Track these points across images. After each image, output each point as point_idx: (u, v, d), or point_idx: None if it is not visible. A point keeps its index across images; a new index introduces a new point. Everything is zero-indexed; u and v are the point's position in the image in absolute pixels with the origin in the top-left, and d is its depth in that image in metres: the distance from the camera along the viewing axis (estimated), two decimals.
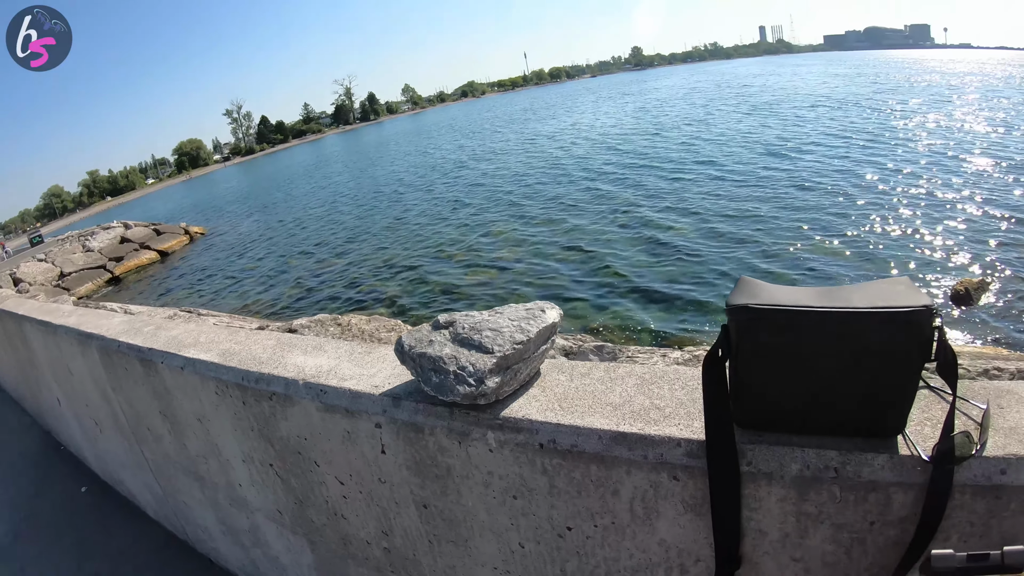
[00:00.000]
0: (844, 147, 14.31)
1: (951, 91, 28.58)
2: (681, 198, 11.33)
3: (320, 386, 1.24)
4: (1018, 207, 8.40)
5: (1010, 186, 9.60)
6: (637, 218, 10.43)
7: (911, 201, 9.29)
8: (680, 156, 15.75)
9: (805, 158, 13.43)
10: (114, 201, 69.15)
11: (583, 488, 0.92)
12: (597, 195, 12.65)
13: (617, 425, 0.88)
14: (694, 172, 13.46)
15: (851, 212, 9.05)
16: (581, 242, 9.54)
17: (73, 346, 2.42)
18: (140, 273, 16.68)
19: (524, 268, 8.92)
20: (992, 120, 17.38)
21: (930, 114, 19.37)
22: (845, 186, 10.57)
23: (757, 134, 17.82)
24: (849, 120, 19.07)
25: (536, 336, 0.99)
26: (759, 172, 12.51)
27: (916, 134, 15.44)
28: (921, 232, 7.90)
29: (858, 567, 0.83)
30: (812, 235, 8.25)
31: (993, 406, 0.81)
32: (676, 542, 0.91)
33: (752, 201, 10.32)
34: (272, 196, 26.50)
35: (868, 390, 0.75)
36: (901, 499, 0.77)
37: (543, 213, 11.94)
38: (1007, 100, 23.41)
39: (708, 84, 48.61)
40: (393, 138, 48.65)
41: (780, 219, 9.16)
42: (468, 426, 1.00)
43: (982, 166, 11.16)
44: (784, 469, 0.80)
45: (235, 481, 1.75)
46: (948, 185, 9.97)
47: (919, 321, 0.70)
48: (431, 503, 1.15)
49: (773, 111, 23.82)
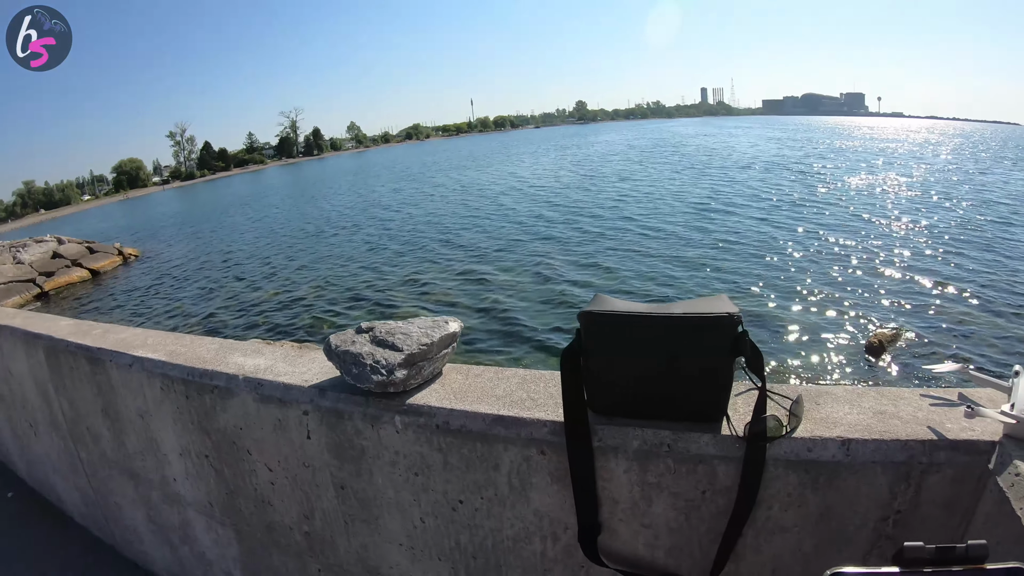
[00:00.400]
0: (767, 208, 15.14)
1: (876, 156, 31.78)
2: (596, 251, 11.59)
3: (258, 380, 1.39)
4: (926, 267, 9.24)
5: (921, 246, 10.60)
6: (550, 271, 10.65)
7: (827, 260, 9.89)
8: (607, 211, 16.26)
9: (728, 218, 13.95)
10: (48, 214, 66.57)
11: (471, 463, 1.11)
12: (516, 244, 12.90)
13: (498, 410, 1.07)
14: (617, 227, 13.83)
15: (768, 272, 9.38)
16: (492, 294, 9.67)
17: (17, 346, 2.45)
18: (70, 290, 16.03)
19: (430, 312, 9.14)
20: (910, 184, 19.35)
21: (852, 178, 21.22)
22: (766, 246, 10.99)
23: (685, 193, 18.82)
24: (775, 182, 20.46)
25: (439, 341, 1.19)
26: (680, 231, 12.93)
27: (837, 197, 16.79)
28: (834, 290, 8.33)
29: (697, 531, 1.02)
30: (725, 294, 8.61)
31: (811, 403, 1.02)
32: (547, 511, 1.09)
33: (669, 261, 10.65)
34: (209, 224, 26.26)
35: (691, 381, 0.96)
36: (724, 470, 0.97)
37: (461, 260, 12.09)
38: (927, 165, 26.11)
39: (646, 142, 51.45)
40: (333, 176, 49.08)
41: (696, 279, 9.60)
42: (380, 411, 1.17)
43: (897, 227, 12.25)
44: (627, 444, 1.00)
45: (170, 476, 1.83)
46: (865, 247, 10.75)
47: (724, 324, 0.92)
48: (347, 484, 1.30)
49: (704, 171, 25.42)
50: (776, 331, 7.08)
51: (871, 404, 1.01)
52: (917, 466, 0.90)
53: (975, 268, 9.38)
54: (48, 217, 61.55)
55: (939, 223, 12.85)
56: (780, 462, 0.94)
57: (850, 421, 0.96)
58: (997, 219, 13.29)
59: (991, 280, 8.74)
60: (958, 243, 11.17)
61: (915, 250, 10.53)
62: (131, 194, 79.09)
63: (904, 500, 0.93)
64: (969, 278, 8.77)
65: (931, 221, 13.08)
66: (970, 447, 0.88)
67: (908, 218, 13.44)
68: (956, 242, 11.30)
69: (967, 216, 13.69)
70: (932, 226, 12.60)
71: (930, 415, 0.96)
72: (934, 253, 10.32)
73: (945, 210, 14.59)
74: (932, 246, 10.90)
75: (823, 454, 0.92)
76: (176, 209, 40.58)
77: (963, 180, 21.07)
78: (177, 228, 26.71)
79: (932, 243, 11.14)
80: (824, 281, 8.88)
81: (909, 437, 0.91)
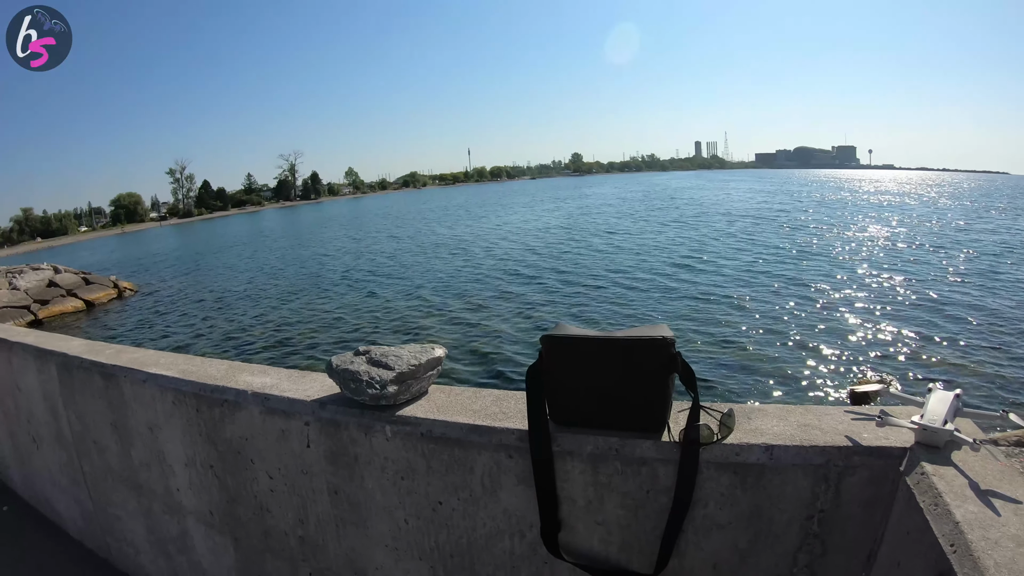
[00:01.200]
0: (754, 261, 15.56)
1: (866, 209, 33.12)
2: (582, 303, 11.81)
3: (265, 395, 1.57)
4: (908, 316, 9.63)
5: (904, 296, 10.99)
6: (530, 311, 11.03)
7: (811, 313, 10.17)
8: (594, 264, 16.56)
9: (713, 273, 14.14)
10: (44, 243, 67.10)
11: (450, 467, 1.28)
12: (504, 295, 13.06)
13: (474, 421, 1.26)
14: (604, 280, 14.03)
15: (753, 325, 9.51)
16: (476, 329, 9.95)
17: (28, 362, 2.60)
18: (63, 320, 16.11)
19: None
20: (895, 236, 20.20)
21: (845, 230, 22.11)
22: (752, 299, 11.16)
23: (673, 246, 19.39)
24: (764, 235, 21.22)
25: (425, 363, 1.39)
26: (666, 283, 13.22)
27: (824, 249, 17.43)
28: (817, 342, 8.55)
29: (644, 527, 1.17)
30: (709, 348, 8.42)
31: (743, 417, 1.18)
32: (515, 510, 1.26)
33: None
34: (206, 262, 26.56)
35: (634, 394, 1.14)
36: (664, 472, 1.13)
37: (453, 307, 12.26)
38: (912, 216, 27.29)
39: (638, 194, 53.13)
40: (330, 220, 50.03)
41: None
42: (372, 421, 1.35)
43: (883, 279, 12.75)
44: (582, 448, 1.17)
45: (173, 486, 1.97)
46: (848, 298, 11.12)
47: (658, 346, 1.10)
48: (341, 488, 1.46)
49: (693, 224, 26.35)
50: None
51: (797, 418, 1.17)
52: (834, 469, 1.05)
53: (916, 301, 10.37)
54: (45, 245, 61.84)
55: (907, 268, 13.76)
56: (712, 465, 1.11)
57: (776, 431, 1.12)
58: (954, 261, 14.46)
59: (929, 310, 9.73)
60: (918, 281, 12.04)
61: (875, 295, 11.14)
62: (128, 228, 79.93)
63: (826, 500, 1.07)
64: (911, 312, 9.70)
65: (900, 268, 13.97)
66: (883, 452, 1.03)
67: (868, 267, 14.25)
68: (915, 280, 12.19)
69: (932, 261, 14.76)
70: (902, 270, 13.54)
71: (849, 427, 1.12)
72: (890, 295, 11.02)
73: (909, 257, 15.59)
74: (892, 287, 11.62)
75: (749, 457, 1.09)
76: (173, 246, 41.10)
77: (942, 228, 22.44)
78: (174, 265, 27.01)
79: (893, 284, 11.87)
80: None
81: (827, 444, 1.06)
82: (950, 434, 0.99)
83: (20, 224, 75.65)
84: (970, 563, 0.73)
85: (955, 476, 0.92)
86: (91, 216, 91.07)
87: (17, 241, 70.66)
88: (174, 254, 33.65)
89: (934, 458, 0.97)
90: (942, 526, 0.81)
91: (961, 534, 0.78)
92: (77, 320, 16.04)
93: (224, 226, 60.47)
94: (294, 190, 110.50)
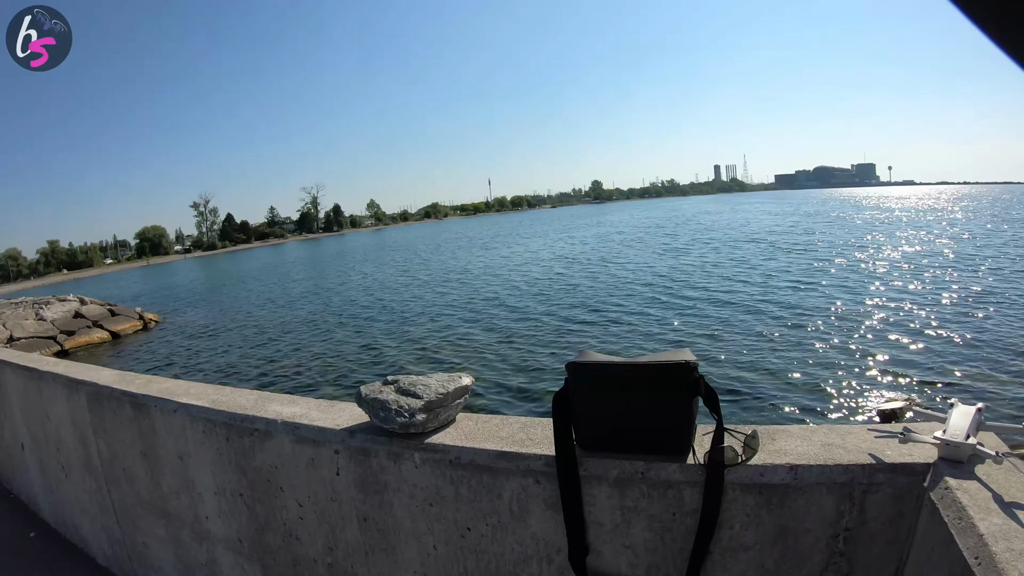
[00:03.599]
0: (771, 283, 15.51)
1: (880, 227, 33.13)
2: (603, 330, 11.80)
3: (295, 424, 1.61)
4: (927, 333, 9.57)
5: (922, 314, 10.90)
6: (554, 341, 11.06)
7: (830, 333, 10.05)
8: (612, 290, 16.56)
9: (732, 297, 13.96)
10: (70, 275, 68.93)
11: (478, 493, 1.31)
12: (529, 323, 13.00)
13: (501, 447, 1.29)
14: (623, 306, 13.99)
15: (775, 347, 9.40)
16: (502, 369, 9.75)
17: (59, 391, 2.68)
18: (89, 351, 16.46)
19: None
20: (910, 253, 20.20)
21: (861, 250, 22.07)
22: (772, 322, 11.08)
23: (691, 269, 19.57)
24: (777, 258, 21.21)
25: (453, 391, 1.43)
26: (686, 306, 13.19)
27: (840, 270, 17.35)
28: (838, 361, 8.46)
29: (671, 550, 1.18)
30: (733, 371, 8.32)
31: (767, 438, 1.20)
32: (543, 535, 1.29)
33: (677, 338, 10.80)
34: (229, 294, 26.97)
35: (659, 418, 1.16)
36: (690, 494, 1.14)
37: (479, 337, 12.25)
38: (927, 233, 27.34)
39: (652, 221, 53.50)
40: (352, 252, 50.71)
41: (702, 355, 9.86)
42: (402, 449, 1.39)
43: (901, 297, 12.68)
44: (608, 473, 1.20)
45: (202, 514, 2.01)
46: (867, 317, 11.03)
47: (680, 370, 1.13)
48: (370, 515, 1.49)
49: (703, 247, 26.54)
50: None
51: (821, 438, 1.19)
52: (858, 487, 1.06)
53: (935, 318, 10.33)
54: (71, 277, 63.46)
55: (924, 286, 13.73)
56: (737, 486, 1.12)
57: (800, 451, 1.13)
58: (973, 276, 14.44)
59: (948, 326, 9.69)
60: (934, 298, 12.01)
61: (894, 313, 11.10)
62: (153, 260, 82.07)
63: (851, 518, 1.08)
64: (930, 329, 9.66)
65: (917, 285, 13.95)
66: (907, 469, 1.04)
67: (884, 286, 14.22)
68: (932, 297, 12.14)
69: (948, 277, 14.72)
70: (919, 288, 13.53)
71: (872, 444, 1.13)
72: (908, 313, 10.98)
73: (929, 274, 15.51)
74: (910, 305, 11.56)
75: (773, 478, 1.10)
76: (197, 278, 41.95)
77: (957, 244, 22.42)
78: (198, 297, 27.52)
79: (911, 302, 11.80)
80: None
81: (851, 462, 1.07)
82: (973, 448, 0.99)
83: (47, 256, 78.03)
84: (995, 574, 0.74)
85: (979, 490, 0.92)
86: (116, 249, 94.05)
87: (44, 273, 72.72)
88: (198, 286, 34.40)
89: (957, 472, 0.97)
90: (966, 539, 0.81)
91: (985, 546, 0.78)
92: (103, 351, 16.40)
93: (248, 259, 61.61)
94: (316, 222, 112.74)
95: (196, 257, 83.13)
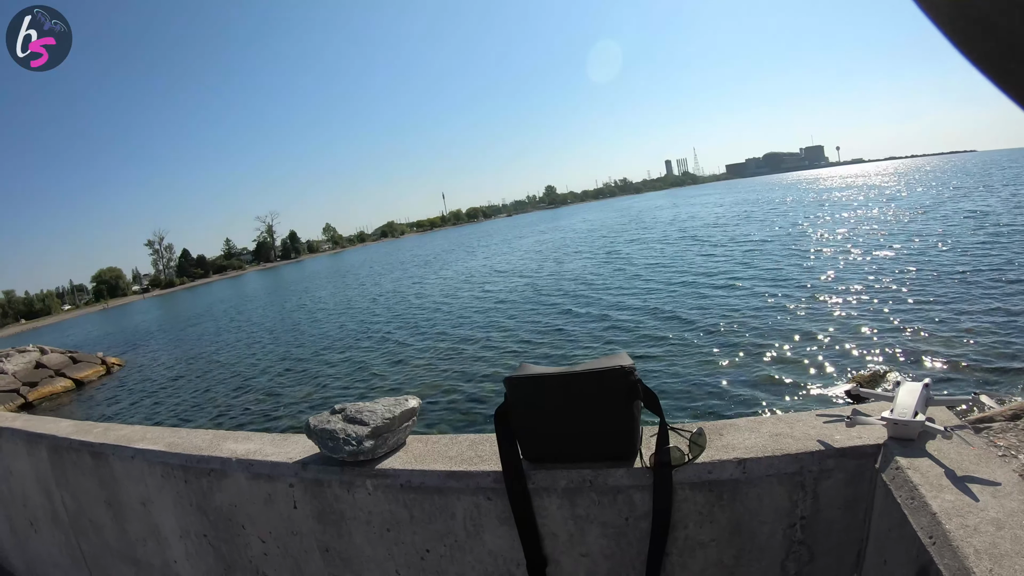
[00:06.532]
0: (709, 275, 15.42)
1: (817, 208, 33.82)
2: (543, 339, 11.68)
3: (249, 461, 1.59)
4: (869, 312, 9.53)
5: (861, 293, 10.85)
6: (496, 354, 10.97)
7: (769, 321, 9.97)
8: (556, 299, 16.19)
9: (668, 293, 13.95)
10: (28, 324, 67.74)
11: (432, 515, 1.30)
12: (474, 339, 12.79)
13: (450, 467, 1.28)
14: (565, 315, 13.68)
15: (719, 341, 9.28)
16: (451, 387, 9.65)
17: (19, 446, 2.60)
18: (53, 401, 16.09)
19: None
20: (846, 234, 20.25)
21: (797, 234, 22.23)
22: (716, 314, 10.92)
23: (627, 267, 19.59)
24: (712, 250, 21.14)
25: (400, 415, 1.42)
26: (624, 307, 13.06)
27: (775, 254, 17.43)
28: (782, 349, 8.41)
29: (628, 554, 1.19)
30: (679, 370, 7.94)
31: (715, 434, 1.20)
32: (500, 551, 1.28)
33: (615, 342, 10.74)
34: (190, 332, 26.53)
35: (601, 424, 1.16)
36: (640, 498, 1.14)
37: (426, 356, 12.05)
38: (865, 211, 27.94)
39: (604, 223, 52.96)
40: (310, 278, 49.93)
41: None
42: (353, 477, 1.38)
43: (837, 279, 12.59)
44: (556, 484, 1.20)
45: (170, 558, 1.97)
46: (805, 302, 10.94)
47: (618, 375, 1.13)
48: (331, 546, 1.48)
49: (645, 246, 26.53)
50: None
51: (769, 429, 1.19)
52: (809, 475, 1.06)
53: (875, 297, 10.31)
54: (29, 327, 61.98)
55: (862, 266, 13.77)
56: (686, 485, 1.12)
57: (748, 444, 1.13)
58: (910, 251, 14.52)
59: (890, 304, 9.65)
60: (873, 277, 12.03)
61: (833, 295, 11.07)
62: (111, 303, 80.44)
63: (805, 507, 1.08)
64: (872, 308, 9.64)
65: (853, 265, 14.01)
66: (857, 452, 1.04)
67: (817, 266, 14.37)
68: (870, 276, 12.15)
69: (884, 254, 14.84)
70: (855, 267, 13.60)
71: (821, 431, 1.13)
72: (847, 294, 10.92)
73: (855, 253, 15.62)
74: (848, 286, 11.52)
75: (722, 474, 1.10)
76: (157, 317, 41.29)
77: (896, 218, 22.93)
78: (159, 337, 27.09)
79: (848, 283, 11.78)
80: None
81: (800, 451, 1.07)
82: (922, 425, 0.99)
83: (3, 307, 76.16)
84: (949, 553, 0.73)
85: (930, 467, 0.91)
86: (73, 294, 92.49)
87: (1, 324, 70.56)
88: (158, 326, 33.80)
89: (908, 451, 0.97)
90: (920, 519, 0.81)
91: (939, 525, 0.77)
92: (68, 400, 16.02)
93: (206, 294, 60.54)
94: (274, 251, 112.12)
95: (155, 296, 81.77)
